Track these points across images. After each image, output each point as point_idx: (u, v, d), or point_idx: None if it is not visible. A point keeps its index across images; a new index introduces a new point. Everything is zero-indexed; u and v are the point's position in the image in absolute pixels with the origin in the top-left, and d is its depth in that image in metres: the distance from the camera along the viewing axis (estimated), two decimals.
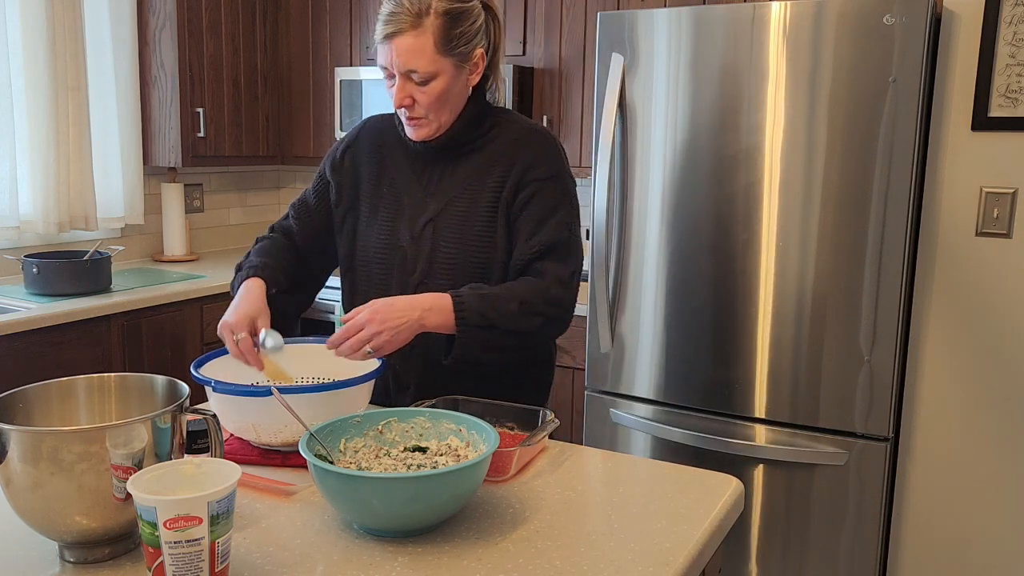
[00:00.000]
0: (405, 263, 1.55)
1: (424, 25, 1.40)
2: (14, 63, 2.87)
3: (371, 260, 1.59)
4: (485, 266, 1.51)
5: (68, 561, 0.99)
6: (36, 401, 1.08)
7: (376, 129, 1.64)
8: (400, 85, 1.44)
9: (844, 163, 2.21)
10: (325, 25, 3.51)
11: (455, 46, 1.43)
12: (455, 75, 1.46)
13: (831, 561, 2.36)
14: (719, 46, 2.31)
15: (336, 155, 1.66)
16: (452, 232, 1.52)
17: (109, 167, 3.24)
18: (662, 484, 1.26)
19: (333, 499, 1.05)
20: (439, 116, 1.48)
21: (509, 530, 1.10)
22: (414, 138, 1.52)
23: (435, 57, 1.42)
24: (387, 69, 1.45)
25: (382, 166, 1.61)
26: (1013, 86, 2.22)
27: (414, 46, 1.40)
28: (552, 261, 1.48)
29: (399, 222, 1.56)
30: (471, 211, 1.52)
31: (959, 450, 2.37)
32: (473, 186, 1.53)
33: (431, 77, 1.43)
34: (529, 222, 1.50)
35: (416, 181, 1.57)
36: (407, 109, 1.47)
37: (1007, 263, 2.27)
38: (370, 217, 1.60)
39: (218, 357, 1.42)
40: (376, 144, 1.62)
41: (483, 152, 1.55)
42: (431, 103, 1.45)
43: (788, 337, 2.32)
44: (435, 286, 1.50)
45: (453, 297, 1.39)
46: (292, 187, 4.11)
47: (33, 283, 2.71)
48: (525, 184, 1.51)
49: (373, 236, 1.59)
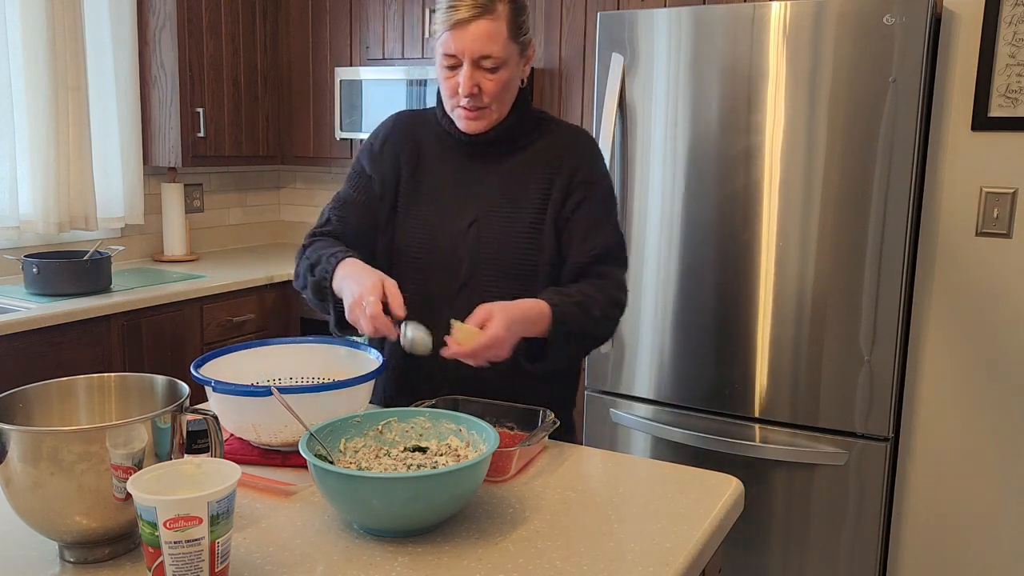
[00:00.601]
0: (446, 265, 1.51)
1: (498, 10, 1.40)
2: (14, 63, 2.86)
3: (410, 262, 1.54)
4: (531, 268, 1.50)
5: (68, 561, 0.99)
6: (36, 401, 1.08)
7: (410, 123, 1.61)
8: (468, 73, 1.41)
9: (844, 163, 2.21)
10: (325, 25, 3.51)
11: (520, 33, 1.44)
12: (518, 64, 1.46)
13: (831, 561, 2.36)
14: (719, 46, 2.31)
15: (374, 147, 1.60)
16: (497, 234, 1.50)
17: (109, 167, 3.24)
18: (662, 484, 1.26)
19: (333, 499, 1.05)
20: (500, 107, 1.47)
21: (509, 530, 1.10)
22: (469, 131, 1.49)
23: (507, 43, 1.41)
24: (453, 56, 1.41)
25: (419, 161, 1.57)
26: (1013, 86, 2.22)
27: (490, 31, 1.39)
28: (611, 265, 1.50)
29: (440, 221, 1.53)
30: (516, 213, 1.50)
31: (959, 450, 2.37)
32: (516, 187, 1.51)
33: (502, 64, 1.42)
34: (582, 226, 1.49)
35: (453, 180, 1.54)
36: (471, 98, 1.44)
37: (1007, 263, 2.27)
38: (408, 215, 1.56)
39: (218, 357, 1.41)
40: (412, 138, 1.58)
41: (525, 152, 1.53)
42: (497, 91, 1.44)
43: (788, 337, 2.32)
44: (479, 288, 1.49)
45: (552, 307, 1.37)
46: (292, 187, 4.11)
47: (33, 283, 2.70)
48: (575, 187, 1.50)
49: (410, 235, 1.54)
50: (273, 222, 4.14)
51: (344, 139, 3.46)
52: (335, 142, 3.52)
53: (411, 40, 3.33)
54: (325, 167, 3.74)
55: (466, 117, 1.47)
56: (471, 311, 1.45)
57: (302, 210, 4.10)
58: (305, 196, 4.08)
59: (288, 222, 4.15)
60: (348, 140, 3.48)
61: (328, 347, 1.50)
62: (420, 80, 3.18)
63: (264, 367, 1.45)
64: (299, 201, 4.11)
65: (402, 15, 3.33)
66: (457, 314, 1.48)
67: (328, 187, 4.00)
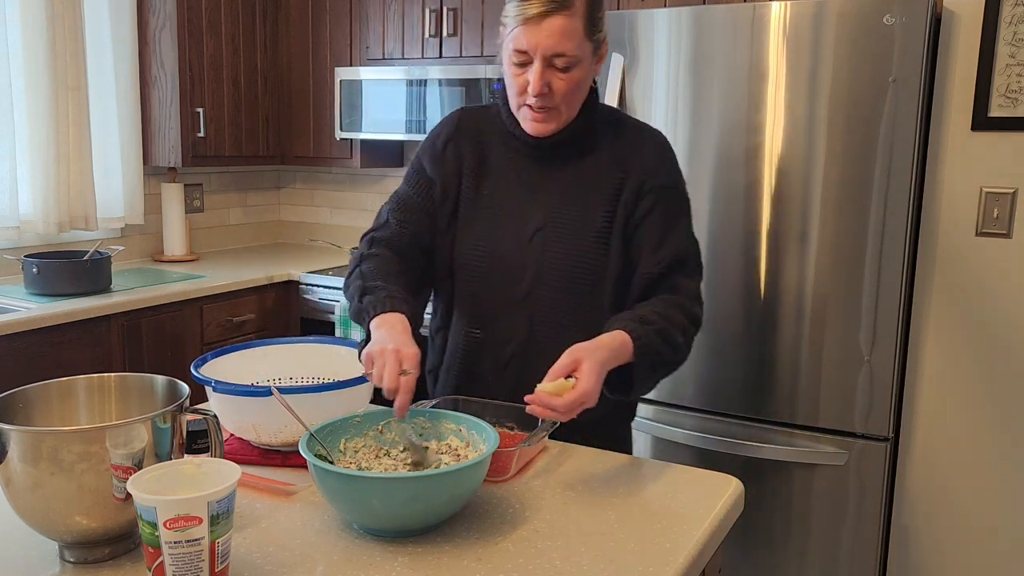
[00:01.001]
0: (509, 274, 1.45)
1: (575, 6, 1.32)
2: (14, 63, 2.86)
3: (469, 270, 1.47)
4: (597, 278, 1.43)
5: (68, 561, 0.99)
6: (36, 401, 1.08)
7: (474, 121, 1.52)
8: (539, 71, 1.33)
9: (844, 163, 2.21)
10: (325, 25, 3.51)
11: (596, 30, 1.37)
12: (590, 63, 1.39)
13: (831, 561, 2.36)
14: (719, 46, 2.31)
15: (436, 147, 1.51)
16: (564, 242, 1.43)
17: (109, 167, 3.24)
18: (662, 484, 1.26)
19: (333, 499, 1.05)
20: (569, 108, 1.40)
21: (509, 530, 1.10)
22: (535, 133, 1.41)
23: (582, 41, 1.34)
24: (524, 53, 1.34)
25: (483, 163, 1.49)
26: (1013, 86, 2.21)
27: (566, 27, 1.31)
28: (684, 276, 1.42)
29: (503, 229, 1.46)
30: (584, 219, 1.43)
31: (959, 450, 2.37)
32: (584, 192, 1.44)
33: (575, 63, 1.34)
34: (653, 233, 1.42)
35: (518, 183, 1.47)
36: (540, 98, 1.36)
37: (1007, 263, 2.27)
38: (469, 221, 1.48)
39: (218, 357, 1.41)
40: (477, 139, 1.50)
41: (594, 155, 1.45)
42: (568, 92, 1.37)
43: (788, 337, 2.32)
44: (543, 298, 1.44)
45: (634, 340, 1.27)
46: (292, 187, 4.11)
47: (33, 283, 2.71)
48: (646, 192, 1.42)
49: (471, 242, 1.47)
50: (273, 222, 4.14)
51: (344, 139, 3.46)
52: (335, 142, 3.52)
53: (411, 40, 3.33)
54: (325, 167, 3.74)
55: (533, 119, 1.40)
56: (533, 322, 1.44)
57: (302, 210, 4.10)
58: (305, 196, 4.08)
59: (288, 222, 4.15)
60: (348, 140, 3.48)
61: (328, 347, 1.50)
62: (420, 80, 3.18)
63: (264, 367, 1.45)
64: (299, 201, 4.11)
65: (402, 15, 3.33)
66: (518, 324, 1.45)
67: (328, 187, 4.00)
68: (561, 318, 1.44)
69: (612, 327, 1.29)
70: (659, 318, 1.33)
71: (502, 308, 1.46)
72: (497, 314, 1.47)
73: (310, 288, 3.26)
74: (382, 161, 3.64)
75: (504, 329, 1.47)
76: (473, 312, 1.49)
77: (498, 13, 3.13)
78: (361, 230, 3.91)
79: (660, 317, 1.33)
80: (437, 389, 1.59)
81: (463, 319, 1.51)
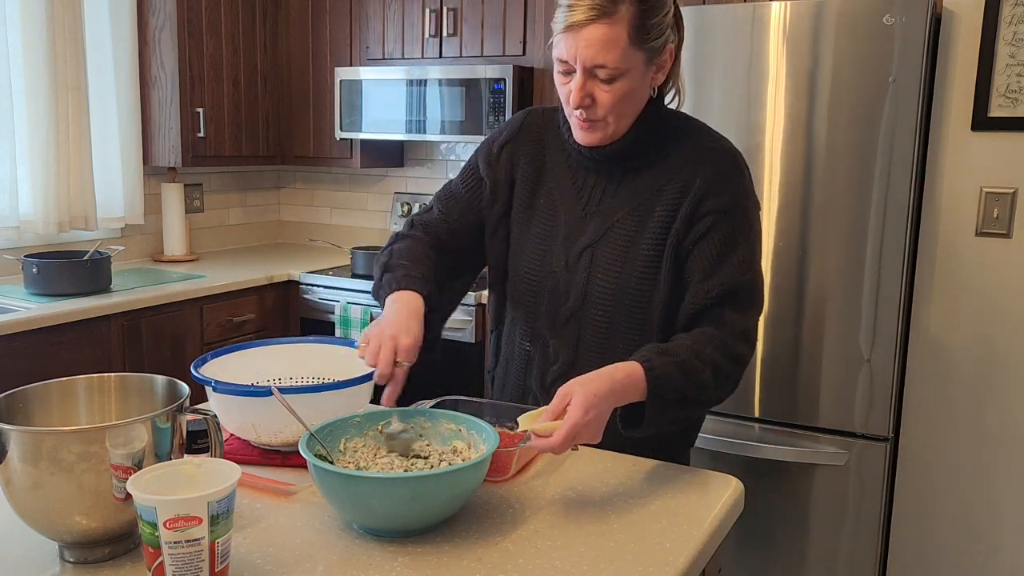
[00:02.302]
0: (557, 291, 1.40)
1: (619, 13, 1.22)
2: (14, 63, 2.86)
3: (521, 281, 1.44)
4: (645, 303, 1.35)
5: (68, 561, 0.99)
6: (36, 401, 1.08)
7: (538, 125, 1.46)
8: (580, 83, 1.26)
9: (844, 163, 2.21)
10: (325, 25, 3.51)
11: (649, 39, 1.26)
12: (643, 73, 1.29)
13: (831, 561, 2.36)
14: (719, 46, 2.31)
15: (493, 149, 1.47)
16: (612, 262, 1.36)
17: (109, 167, 3.24)
18: (662, 484, 1.26)
19: (333, 499, 1.05)
20: (619, 120, 1.32)
21: (509, 530, 1.10)
22: (584, 143, 1.35)
23: (628, 51, 1.24)
24: (566, 63, 1.27)
25: (540, 171, 1.43)
26: (1013, 86, 2.21)
27: (606, 37, 1.22)
28: (734, 310, 1.29)
29: (554, 243, 1.41)
30: (636, 239, 1.35)
31: (959, 450, 2.37)
32: (639, 209, 1.35)
33: (619, 74, 1.26)
34: (704, 260, 1.31)
35: (575, 196, 1.40)
36: (584, 110, 1.30)
37: (1007, 263, 2.27)
38: (523, 230, 1.44)
39: (218, 357, 1.41)
40: (537, 144, 1.45)
41: (653, 169, 1.36)
42: (613, 104, 1.28)
43: (788, 337, 2.32)
44: (588, 320, 1.38)
45: (647, 371, 1.18)
46: (292, 187, 4.11)
47: (33, 283, 2.70)
48: (701, 215, 1.32)
49: (525, 255, 1.43)
50: (273, 222, 4.14)
51: (344, 139, 3.46)
52: (335, 142, 3.52)
53: (411, 40, 3.33)
54: (325, 167, 3.74)
55: (580, 127, 1.33)
56: (580, 343, 1.38)
57: (302, 210, 4.10)
58: (305, 196, 4.08)
59: (288, 222, 4.15)
60: (348, 140, 3.48)
61: (328, 347, 1.50)
62: (420, 80, 3.18)
63: (264, 367, 1.45)
64: (299, 201, 4.11)
65: (402, 15, 3.33)
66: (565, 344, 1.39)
67: (328, 187, 4.00)
68: (608, 341, 1.38)
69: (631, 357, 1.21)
70: (686, 352, 1.23)
71: (549, 326, 1.42)
72: (545, 331, 1.43)
73: (310, 288, 3.26)
74: (382, 161, 3.64)
75: (551, 347, 1.43)
76: (525, 324, 1.46)
77: (498, 13, 3.13)
78: (361, 230, 3.92)
79: (688, 351, 1.23)
80: (494, 393, 1.56)
81: (516, 329, 1.48)
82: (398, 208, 3.66)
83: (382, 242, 3.68)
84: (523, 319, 1.46)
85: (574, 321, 1.39)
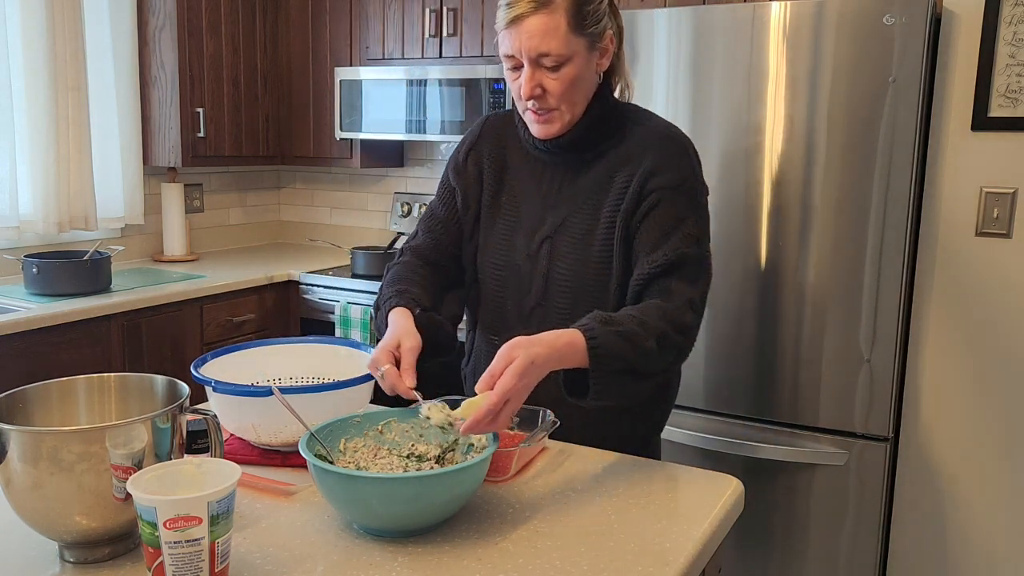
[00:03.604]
0: (521, 283, 1.45)
1: (556, 3, 1.30)
2: (14, 63, 2.86)
3: (487, 276, 1.49)
4: (604, 289, 1.39)
5: (68, 561, 0.99)
6: (36, 401, 1.08)
7: (497, 127, 1.53)
8: (529, 74, 1.33)
9: (844, 163, 2.21)
10: (325, 25, 3.51)
11: (587, 24, 1.33)
12: (587, 58, 1.35)
13: (831, 561, 2.36)
14: (719, 46, 2.31)
15: (459, 158, 1.54)
16: (570, 251, 1.40)
17: (109, 167, 3.24)
18: (662, 484, 1.26)
19: (333, 499, 1.05)
20: (571, 107, 1.37)
21: (509, 530, 1.10)
22: (541, 136, 1.40)
23: (569, 37, 1.31)
24: (513, 58, 1.33)
25: (503, 170, 1.49)
26: (1013, 86, 2.22)
27: (547, 25, 1.29)
28: (681, 280, 1.32)
29: (516, 236, 1.46)
30: (592, 227, 1.40)
31: (959, 450, 2.37)
32: (594, 198, 1.41)
33: (564, 60, 1.32)
34: (652, 234, 1.35)
35: (535, 189, 1.46)
36: (536, 100, 1.35)
37: (1007, 263, 2.27)
38: (489, 227, 1.49)
39: (218, 357, 1.41)
40: (498, 145, 1.51)
41: (606, 158, 1.41)
42: (563, 91, 1.34)
43: (788, 337, 2.32)
44: (551, 308, 1.42)
45: (588, 340, 1.19)
46: (292, 187, 4.11)
47: (33, 283, 2.70)
48: (648, 193, 1.36)
49: (491, 250, 1.48)
50: (273, 222, 4.14)
51: (344, 139, 3.46)
52: (335, 142, 3.52)
53: (411, 40, 3.33)
54: (325, 167, 3.74)
55: (536, 121, 1.39)
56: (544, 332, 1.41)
57: (302, 210, 4.10)
58: (305, 196, 4.08)
59: (288, 222, 4.15)
60: (348, 140, 3.48)
61: (328, 347, 1.50)
62: (420, 80, 3.18)
63: (264, 367, 1.45)
64: (299, 201, 4.11)
65: (402, 15, 3.33)
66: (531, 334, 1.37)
67: (328, 187, 4.00)
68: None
69: (575, 324, 1.22)
70: (630, 320, 1.24)
71: (516, 317, 1.46)
72: (512, 323, 1.47)
73: (310, 288, 3.26)
74: (382, 161, 3.64)
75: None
76: (492, 319, 1.50)
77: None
78: (361, 230, 3.92)
79: (632, 320, 1.24)
80: (467, 390, 1.60)
81: (485, 324, 1.53)
82: (398, 208, 3.66)
83: (382, 242, 3.69)
84: (491, 313, 1.50)
85: (539, 311, 1.44)
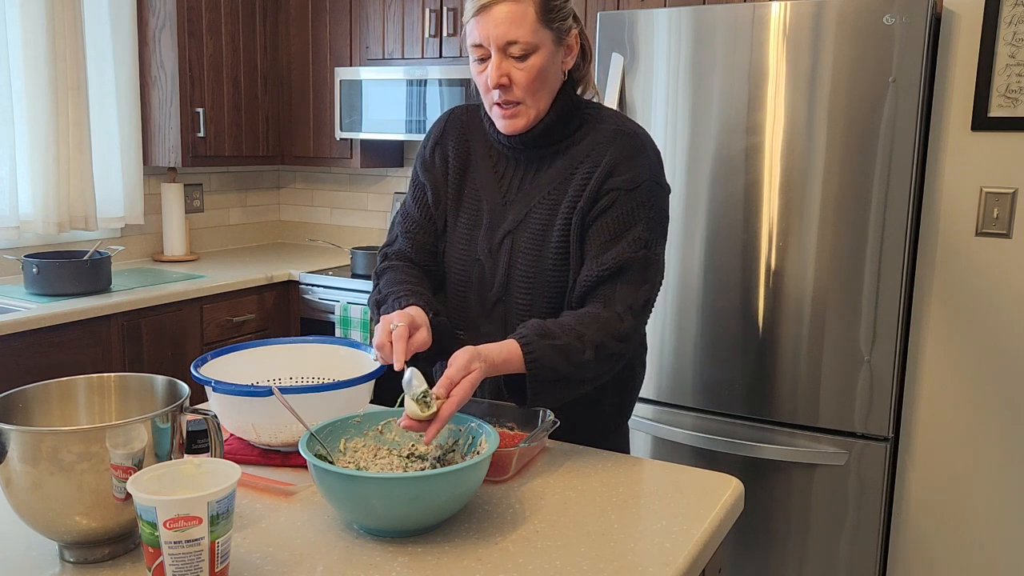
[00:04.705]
0: (483, 278, 1.45)
1: None
2: (14, 63, 2.86)
3: (452, 272, 1.48)
4: (562, 284, 1.40)
5: (68, 561, 0.99)
6: (36, 401, 1.08)
7: (462, 120, 1.52)
8: (496, 62, 1.33)
9: (844, 163, 2.21)
10: (325, 25, 3.51)
11: (554, 19, 1.34)
12: (553, 52, 1.35)
13: (831, 561, 2.36)
14: (719, 46, 2.31)
15: (425, 154, 1.53)
16: (530, 247, 1.40)
17: (109, 167, 3.24)
18: (662, 484, 1.26)
19: (333, 499, 1.05)
20: (537, 100, 1.37)
21: (509, 530, 1.10)
22: (506, 131, 1.40)
23: (536, 27, 1.32)
24: (481, 47, 1.34)
25: (466, 163, 1.49)
26: (1013, 86, 2.21)
27: (515, 13, 1.30)
28: (625, 284, 1.33)
29: (477, 232, 1.46)
30: (551, 223, 1.40)
31: (959, 450, 2.37)
32: (554, 194, 1.41)
33: (531, 50, 1.32)
34: (602, 236, 1.35)
35: (496, 184, 1.46)
36: (502, 91, 1.35)
37: (1007, 263, 2.27)
38: (453, 222, 1.49)
39: (218, 357, 1.41)
40: (462, 138, 1.50)
41: (567, 154, 1.42)
42: (530, 82, 1.34)
43: (788, 337, 2.32)
44: (512, 303, 1.42)
45: (525, 354, 1.23)
46: (292, 187, 4.11)
47: (33, 283, 2.71)
48: (604, 192, 1.36)
49: (454, 246, 1.48)
50: (273, 222, 4.14)
51: (344, 139, 3.46)
52: (335, 142, 3.53)
53: (411, 40, 3.33)
54: (325, 167, 3.74)
55: (502, 115, 1.39)
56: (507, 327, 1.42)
57: (302, 210, 4.10)
58: (305, 196, 4.08)
59: (288, 222, 4.15)
60: (348, 140, 3.48)
61: (328, 347, 1.50)
62: (420, 80, 3.18)
63: (264, 367, 1.45)
64: (299, 201, 4.11)
65: (402, 15, 3.33)
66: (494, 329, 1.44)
67: (328, 187, 4.00)
68: None
69: (513, 335, 1.26)
70: (565, 333, 1.26)
71: (479, 313, 1.47)
72: (476, 318, 1.47)
73: (310, 288, 3.26)
74: (382, 161, 3.64)
75: (483, 334, 1.46)
76: (458, 314, 1.50)
77: None
78: (361, 230, 3.92)
79: (568, 332, 1.27)
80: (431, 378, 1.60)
81: (452, 320, 1.52)
82: (398, 208, 3.66)
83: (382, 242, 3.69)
84: (457, 308, 1.50)
85: (500, 307, 1.44)
